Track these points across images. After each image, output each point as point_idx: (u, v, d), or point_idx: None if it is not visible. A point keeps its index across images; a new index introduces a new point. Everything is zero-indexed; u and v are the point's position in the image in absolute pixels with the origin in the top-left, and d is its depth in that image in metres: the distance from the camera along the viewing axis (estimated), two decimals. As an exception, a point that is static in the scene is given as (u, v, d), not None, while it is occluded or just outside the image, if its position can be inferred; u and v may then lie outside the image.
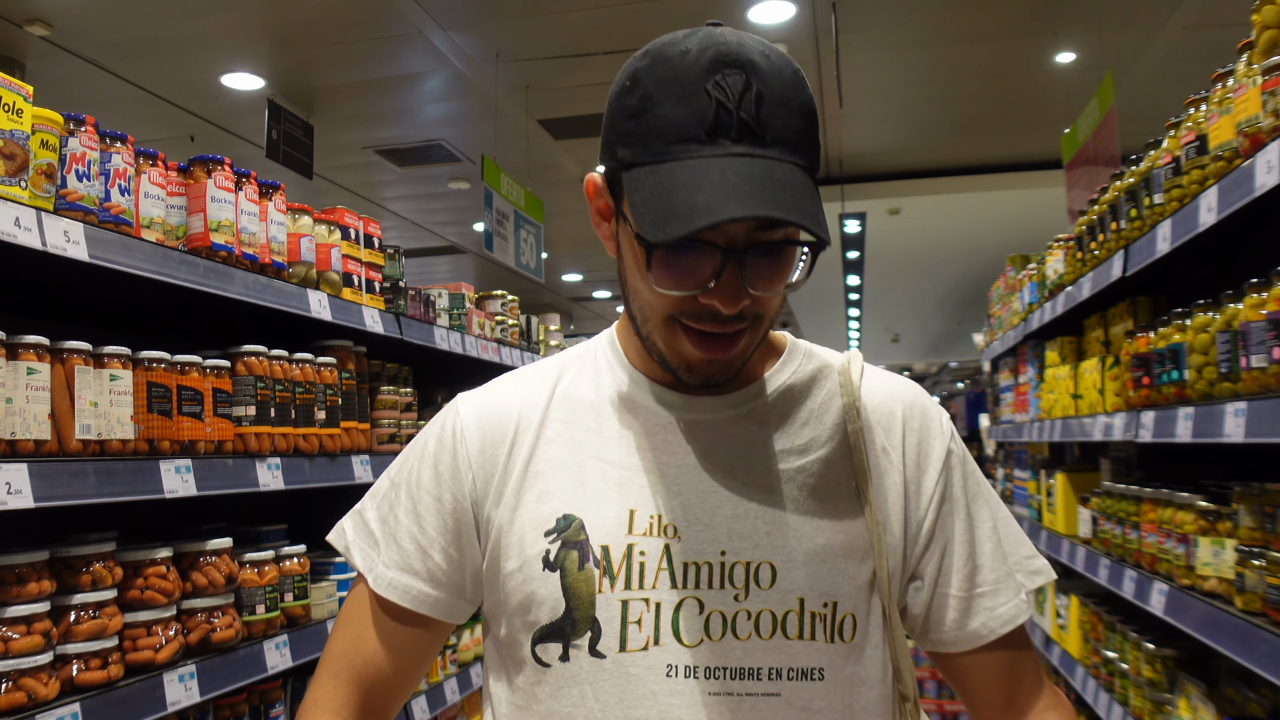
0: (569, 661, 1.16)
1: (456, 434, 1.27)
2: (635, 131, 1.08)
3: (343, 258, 2.97)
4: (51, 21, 6.37)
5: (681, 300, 1.10)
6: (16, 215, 1.83)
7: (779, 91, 1.07)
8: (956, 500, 1.26)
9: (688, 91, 1.05)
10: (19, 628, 1.85)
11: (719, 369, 1.15)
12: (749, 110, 1.04)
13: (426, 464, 1.28)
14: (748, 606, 1.15)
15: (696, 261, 1.07)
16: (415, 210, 11.46)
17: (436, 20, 6.64)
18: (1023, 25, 7.01)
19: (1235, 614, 2.27)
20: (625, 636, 1.15)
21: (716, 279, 1.07)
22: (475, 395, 1.32)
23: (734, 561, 1.16)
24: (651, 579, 1.16)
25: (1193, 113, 2.59)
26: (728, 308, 1.08)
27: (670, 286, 1.09)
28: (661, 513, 1.18)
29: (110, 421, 2.06)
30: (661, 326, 1.14)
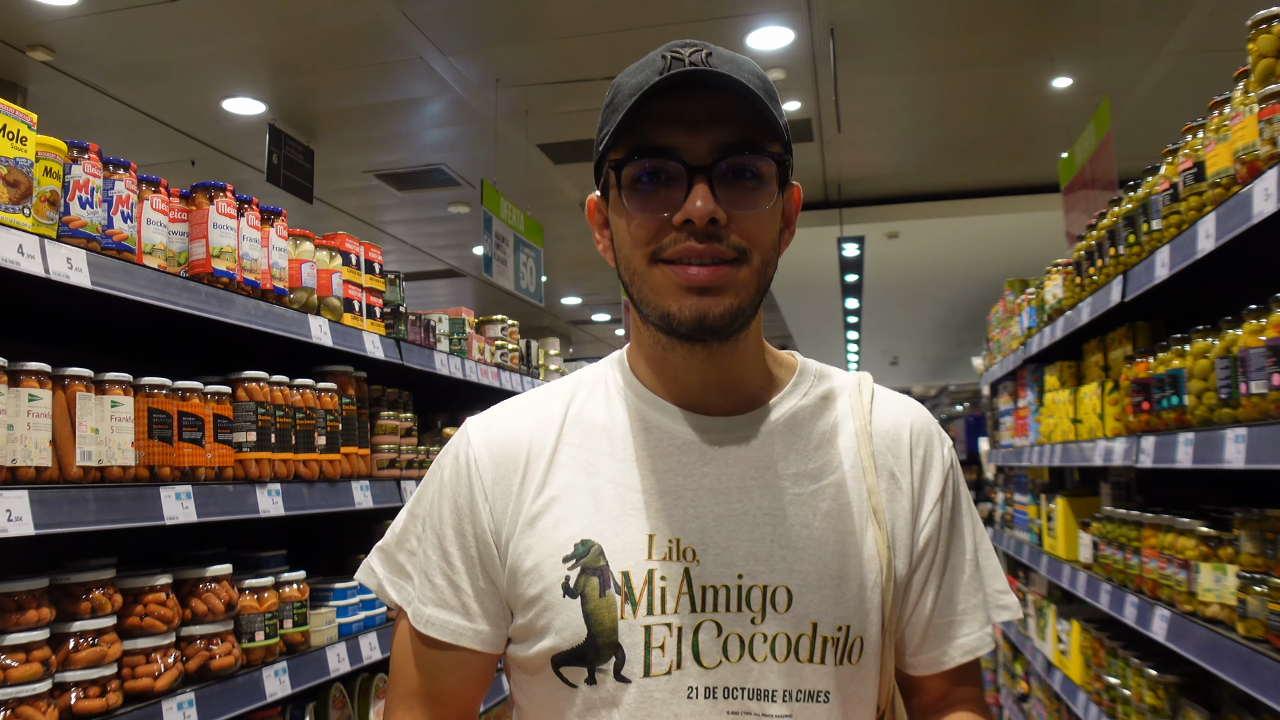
0: (596, 685, 1.17)
1: (470, 464, 1.27)
2: (609, 112, 1.19)
3: (344, 283, 2.98)
4: (54, 47, 6.41)
5: (660, 229, 1.16)
6: (20, 243, 1.84)
7: (728, 55, 1.17)
8: (947, 529, 1.29)
9: (646, 64, 1.17)
10: (18, 655, 1.85)
11: (710, 303, 1.15)
12: (699, 59, 1.14)
13: (445, 497, 1.28)
14: (764, 629, 1.17)
15: (669, 186, 1.15)
16: (415, 234, 11.50)
17: (437, 46, 6.68)
18: (1020, 51, 7.06)
19: (1237, 640, 2.27)
20: (649, 662, 1.16)
21: (686, 194, 1.13)
22: (485, 422, 1.31)
23: (751, 585, 1.18)
24: (673, 604, 1.17)
25: (1190, 139, 2.61)
26: (699, 217, 1.12)
27: (648, 208, 1.16)
28: (680, 537, 1.19)
29: (111, 448, 2.06)
30: (648, 272, 1.18)
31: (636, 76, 1.17)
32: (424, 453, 3.41)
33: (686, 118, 1.14)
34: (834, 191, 10.07)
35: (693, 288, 1.15)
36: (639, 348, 1.30)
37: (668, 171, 1.15)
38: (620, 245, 1.21)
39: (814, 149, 8.93)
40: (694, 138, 1.14)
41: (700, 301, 1.15)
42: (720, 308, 1.15)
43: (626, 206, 1.17)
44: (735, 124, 1.15)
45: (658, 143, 1.15)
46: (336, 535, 3.33)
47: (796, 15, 6.43)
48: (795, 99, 7.82)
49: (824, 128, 8.40)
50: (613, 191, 1.21)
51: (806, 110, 8.04)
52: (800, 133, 8.53)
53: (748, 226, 1.16)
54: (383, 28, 6.34)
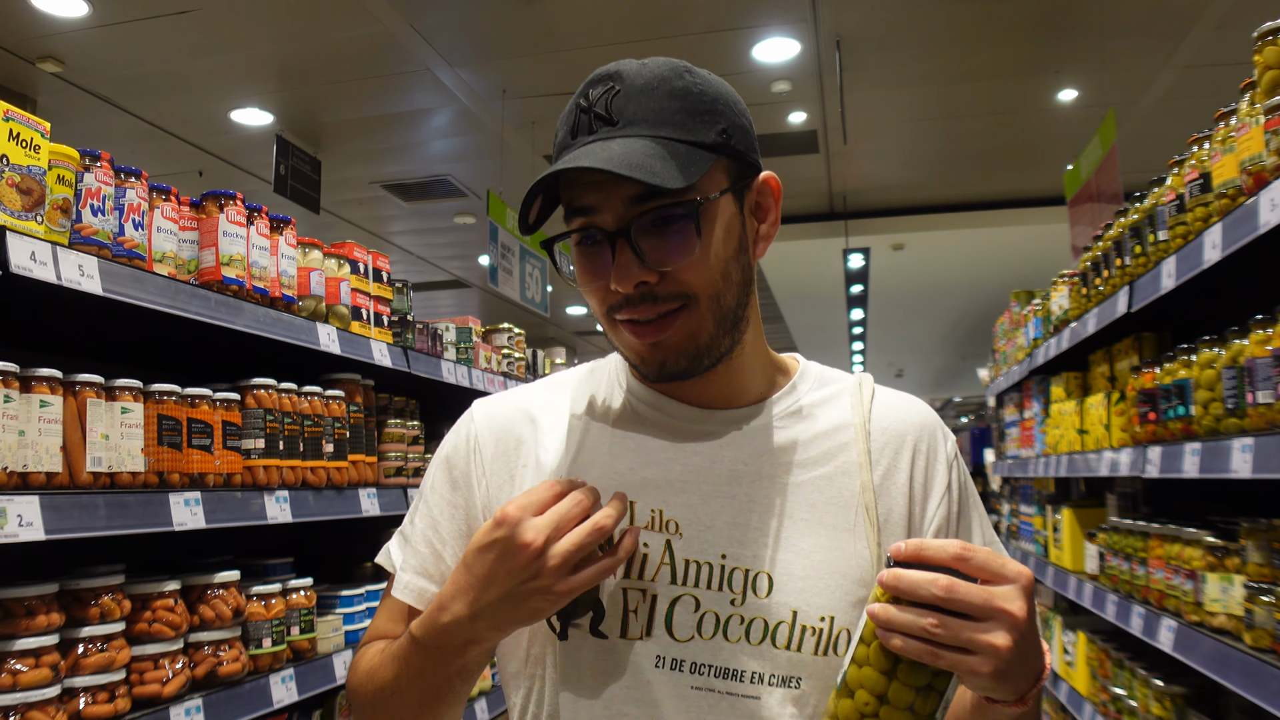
0: (568, 640, 1.19)
1: (470, 440, 1.30)
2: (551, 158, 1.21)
3: (352, 291, 2.99)
4: (63, 59, 6.45)
5: (605, 295, 1.16)
6: (32, 249, 1.85)
7: (640, 85, 1.15)
8: (954, 525, 1.30)
9: (568, 113, 1.18)
10: (27, 660, 1.85)
11: (666, 354, 1.16)
12: (603, 106, 1.14)
13: (442, 470, 1.32)
14: (742, 612, 1.19)
15: (595, 253, 1.16)
16: (420, 244, 11.53)
17: (444, 58, 6.71)
18: (1025, 63, 7.08)
19: (1244, 650, 2.26)
20: (625, 624, 1.19)
21: (612, 262, 1.13)
22: (490, 402, 1.35)
23: (734, 567, 1.20)
24: (652, 572, 1.19)
25: (1196, 151, 2.61)
26: (621, 284, 1.12)
27: (585, 281, 1.18)
28: (663, 508, 1.21)
29: (121, 454, 2.07)
30: (611, 328, 1.20)
31: (561, 129, 1.19)
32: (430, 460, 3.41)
33: (596, 181, 1.12)
34: (839, 203, 10.08)
35: (646, 345, 1.16)
36: None
37: (593, 236, 1.16)
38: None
39: (819, 160, 8.95)
40: (608, 198, 1.12)
41: (656, 355, 1.17)
42: (677, 355, 1.17)
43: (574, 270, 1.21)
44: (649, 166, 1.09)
45: (578, 204, 1.15)
46: (343, 543, 3.33)
47: (803, 27, 6.45)
48: (801, 110, 7.84)
49: (830, 139, 8.41)
50: None
51: (812, 122, 8.06)
52: (806, 144, 8.55)
53: (683, 275, 1.14)
54: (390, 39, 6.37)
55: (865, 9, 6.25)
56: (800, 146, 8.61)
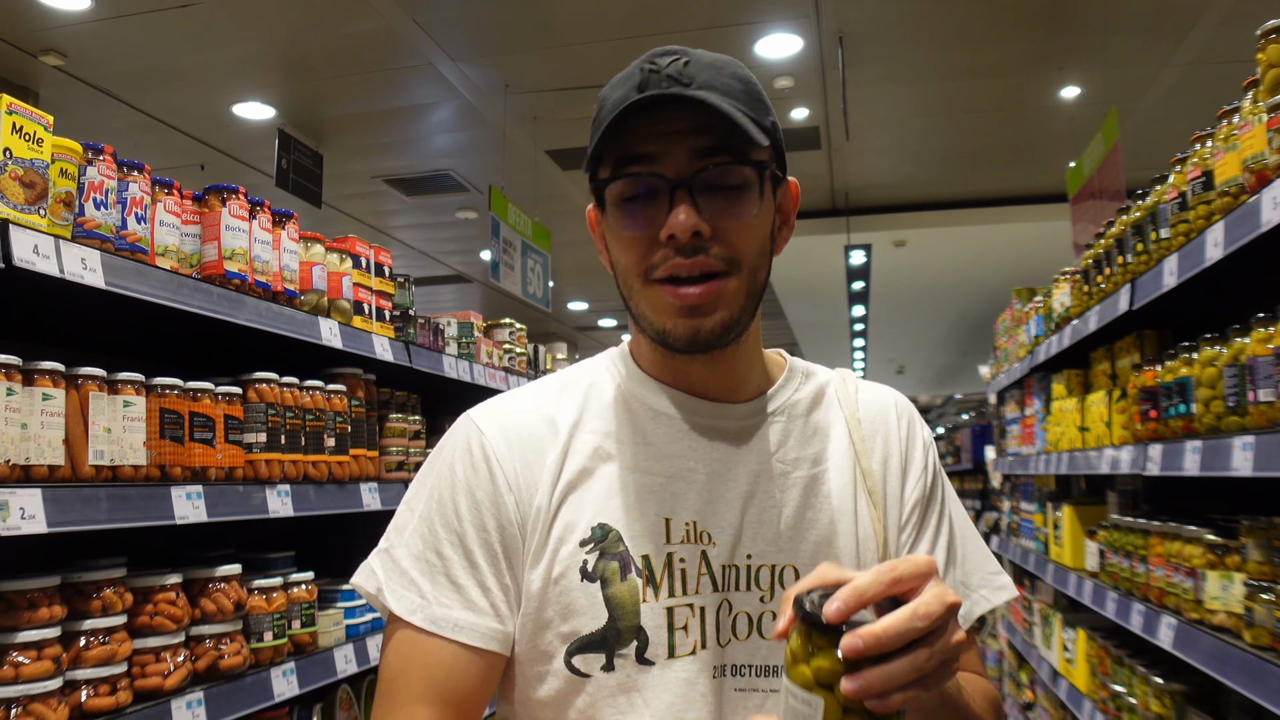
0: (614, 671, 1.17)
1: (489, 456, 1.24)
2: (595, 127, 1.19)
3: (354, 286, 3.00)
4: (66, 52, 6.45)
5: (650, 247, 1.16)
6: (35, 243, 1.85)
7: (708, 60, 1.17)
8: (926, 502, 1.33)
9: (626, 77, 1.18)
10: (29, 653, 1.86)
11: (702, 320, 1.17)
12: (676, 69, 1.15)
13: (461, 493, 1.23)
14: (772, 607, 1.21)
15: (652, 202, 1.15)
16: (422, 239, 11.53)
17: (447, 52, 6.71)
18: (1028, 60, 7.07)
19: (1244, 648, 2.27)
20: (673, 643, 1.18)
21: (669, 209, 1.14)
22: (494, 413, 1.29)
23: (760, 565, 1.22)
24: (694, 584, 1.20)
25: (1199, 149, 2.61)
26: (681, 232, 1.13)
27: (634, 226, 1.17)
28: (695, 520, 1.22)
29: (123, 447, 2.07)
30: (643, 290, 1.19)
31: (618, 90, 1.17)
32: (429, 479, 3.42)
33: (664, 132, 1.14)
34: (841, 199, 10.07)
35: (685, 308, 1.16)
36: (640, 340, 1.32)
37: (650, 187, 1.15)
38: (616, 263, 1.23)
39: (821, 157, 8.94)
40: (673, 148, 1.14)
41: (692, 321, 1.17)
42: (711, 323, 1.17)
43: (613, 225, 1.19)
44: (713, 133, 1.14)
45: (638, 153, 1.15)
46: (344, 537, 3.34)
47: (805, 23, 6.45)
48: (803, 106, 7.83)
49: (832, 135, 8.41)
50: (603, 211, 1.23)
51: (814, 118, 8.05)
52: (808, 140, 8.54)
53: (734, 237, 1.16)
54: (392, 34, 6.36)
55: (868, 5, 6.25)
56: (802, 143, 8.60)
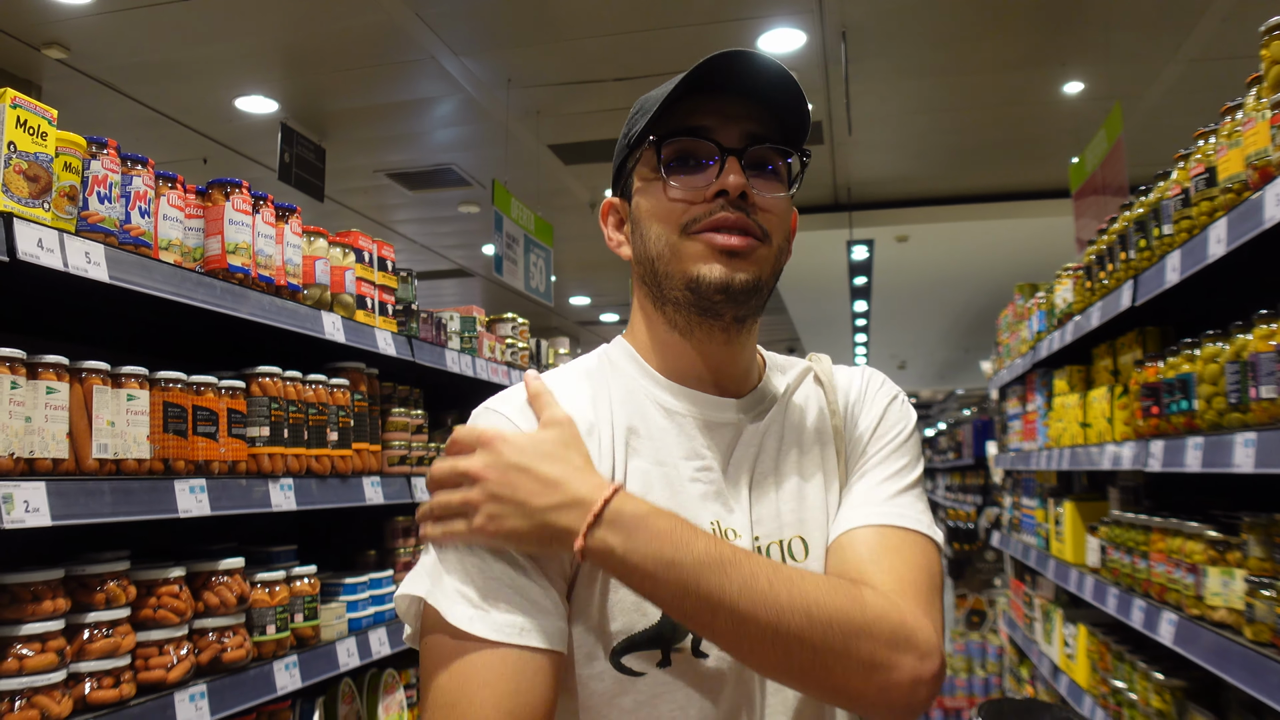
0: (670, 666, 1.18)
1: None
2: (638, 118, 1.29)
3: (357, 280, 3.00)
4: (69, 45, 6.45)
5: (693, 204, 1.23)
6: (39, 236, 1.86)
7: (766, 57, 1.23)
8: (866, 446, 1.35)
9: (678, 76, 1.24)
10: (34, 645, 1.87)
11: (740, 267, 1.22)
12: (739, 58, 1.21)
13: None
14: None
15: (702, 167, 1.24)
16: (424, 233, 11.53)
17: (449, 46, 6.70)
18: (1032, 56, 7.06)
19: (1244, 644, 2.27)
20: None
21: (720, 170, 1.22)
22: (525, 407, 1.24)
23: (769, 543, 1.26)
24: None
25: (1202, 145, 2.61)
26: (733, 187, 1.21)
27: (683, 183, 1.24)
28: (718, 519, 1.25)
29: (127, 441, 2.08)
30: (679, 244, 1.24)
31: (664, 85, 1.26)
32: (434, 450, 3.42)
33: (720, 110, 1.24)
34: (844, 194, 10.06)
35: (723, 251, 1.22)
36: (651, 336, 1.34)
37: (702, 152, 1.24)
38: (648, 226, 1.27)
39: (824, 151, 8.93)
40: (726, 126, 1.24)
41: (728, 266, 1.22)
42: (745, 274, 1.23)
43: (665, 180, 1.25)
44: (764, 121, 1.26)
45: (694, 124, 1.24)
46: (347, 531, 3.35)
47: (809, 18, 6.44)
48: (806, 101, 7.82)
49: (835, 130, 8.40)
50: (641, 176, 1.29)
51: (817, 113, 8.04)
52: (811, 135, 8.51)
53: (770, 211, 1.25)
54: (395, 27, 6.36)
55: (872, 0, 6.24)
56: (805, 137, 8.59)
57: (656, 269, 1.27)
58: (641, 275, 1.31)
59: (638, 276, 1.33)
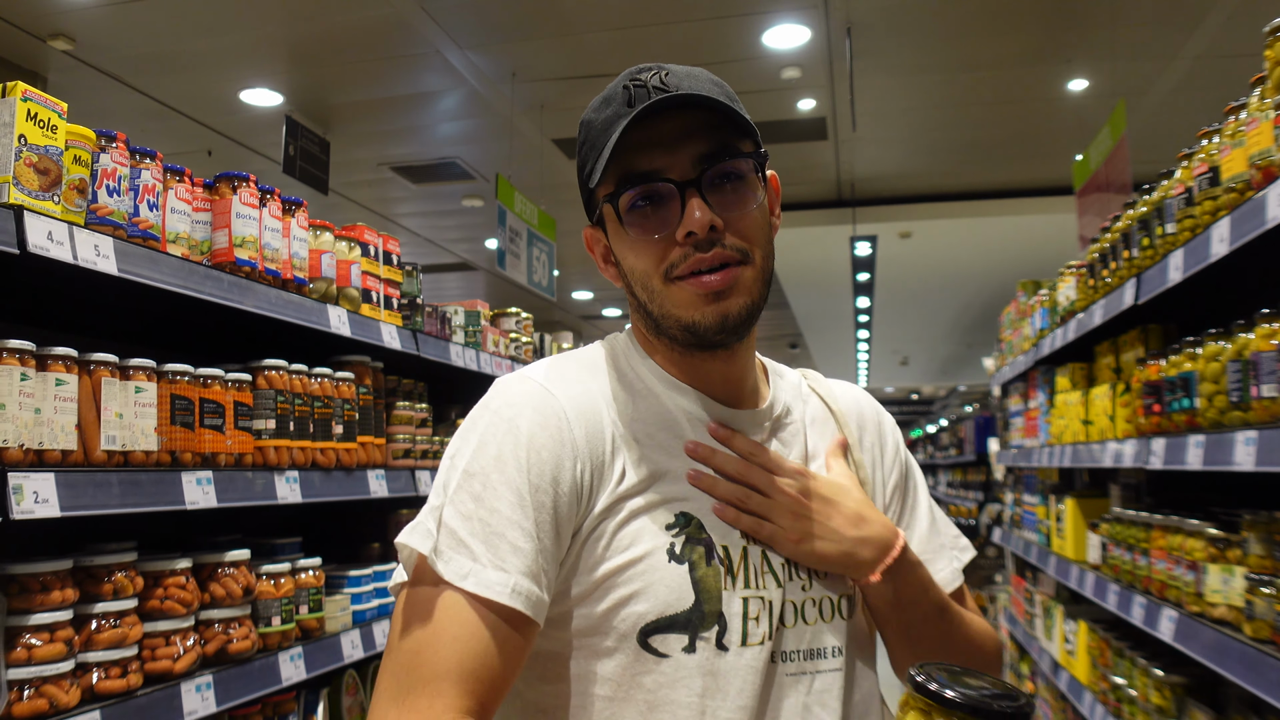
0: (694, 653, 1.20)
1: (560, 416, 1.21)
2: (588, 150, 1.28)
3: (362, 274, 3.01)
4: (75, 36, 6.45)
5: (668, 248, 1.22)
6: (49, 229, 1.87)
7: (684, 71, 1.25)
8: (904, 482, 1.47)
9: (610, 98, 1.26)
10: (42, 635, 1.88)
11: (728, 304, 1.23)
12: (657, 82, 1.22)
13: (522, 447, 1.18)
14: (812, 595, 1.29)
15: (663, 207, 1.22)
16: (428, 227, 11.53)
17: (454, 40, 6.71)
18: (1036, 52, 7.06)
19: (1244, 641, 2.28)
20: (746, 631, 1.23)
21: (682, 211, 1.20)
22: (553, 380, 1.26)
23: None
24: (761, 580, 1.26)
25: (1205, 144, 2.62)
26: (699, 227, 1.19)
27: (651, 230, 1.22)
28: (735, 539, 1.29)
29: (135, 433, 2.09)
30: (666, 291, 1.24)
31: (604, 111, 1.25)
32: (438, 443, 3.44)
33: (662, 139, 1.21)
34: (847, 190, 10.07)
35: (709, 294, 1.22)
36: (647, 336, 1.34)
37: (659, 193, 1.22)
38: (632, 271, 1.28)
39: (828, 147, 8.94)
40: (674, 156, 1.21)
41: (719, 306, 1.23)
42: (737, 307, 1.24)
43: (629, 235, 1.24)
44: (707, 134, 1.22)
45: (642, 168, 1.22)
46: (351, 524, 3.36)
47: (813, 13, 6.44)
48: (810, 97, 7.82)
49: (839, 126, 8.40)
50: (611, 225, 1.29)
51: (821, 109, 8.04)
52: (815, 131, 8.54)
53: (743, 227, 1.24)
54: (400, 21, 6.37)
55: (876, -4, 6.25)
56: (809, 133, 8.59)
57: (650, 311, 1.27)
58: (637, 308, 1.31)
59: (633, 306, 1.32)
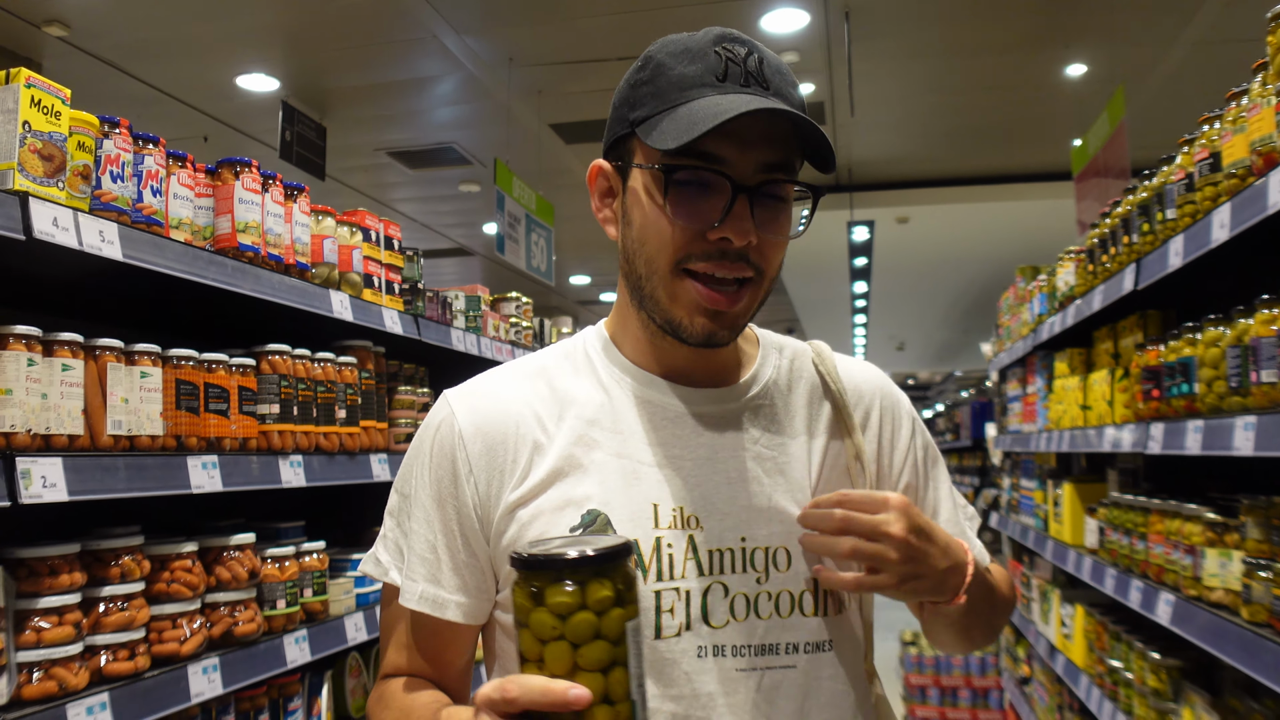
0: None
1: (455, 438, 1.27)
2: (649, 92, 1.20)
3: (364, 259, 3.01)
4: (69, 22, 6.43)
5: (692, 239, 1.18)
6: (55, 215, 1.87)
7: (774, 61, 1.21)
8: (924, 467, 1.43)
9: (697, 55, 1.18)
10: (51, 618, 1.90)
11: (722, 322, 1.21)
12: (754, 66, 1.18)
13: (427, 469, 1.29)
14: (769, 588, 1.24)
15: (709, 196, 1.17)
16: (425, 212, 11.52)
17: (450, 24, 6.69)
18: (1035, 37, 7.06)
19: (1241, 625, 2.30)
20: (660, 624, 1.20)
21: (728, 211, 1.16)
22: (468, 395, 1.31)
23: (754, 547, 1.24)
24: (680, 569, 1.21)
25: (1206, 130, 2.62)
26: (739, 238, 1.16)
27: (687, 217, 1.17)
28: (683, 505, 1.23)
29: (140, 418, 2.10)
30: (668, 279, 1.20)
31: (685, 65, 1.18)
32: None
33: (739, 130, 1.14)
34: (845, 175, 10.07)
35: (711, 310, 1.20)
36: (625, 324, 1.33)
37: (712, 183, 1.17)
38: (642, 239, 1.22)
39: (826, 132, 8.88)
40: (744, 154, 1.16)
41: (711, 322, 1.21)
42: (730, 328, 1.23)
43: (664, 208, 1.18)
44: (782, 144, 1.18)
45: (709, 150, 1.15)
46: (354, 507, 3.37)
47: (812, -2, 6.43)
48: (809, 82, 7.81)
49: (837, 111, 8.40)
50: (641, 179, 1.21)
51: (820, 93, 8.04)
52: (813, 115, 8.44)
53: (769, 249, 1.21)
54: (396, 5, 6.35)
55: (875, -19, 6.24)
56: (807, 118, 8.58)
57: (642, 286, 1.24)
58: (626, 272, 1.28)
59: (623, 270, 1.30)
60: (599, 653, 0.93)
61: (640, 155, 1.22)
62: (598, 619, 0.93)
